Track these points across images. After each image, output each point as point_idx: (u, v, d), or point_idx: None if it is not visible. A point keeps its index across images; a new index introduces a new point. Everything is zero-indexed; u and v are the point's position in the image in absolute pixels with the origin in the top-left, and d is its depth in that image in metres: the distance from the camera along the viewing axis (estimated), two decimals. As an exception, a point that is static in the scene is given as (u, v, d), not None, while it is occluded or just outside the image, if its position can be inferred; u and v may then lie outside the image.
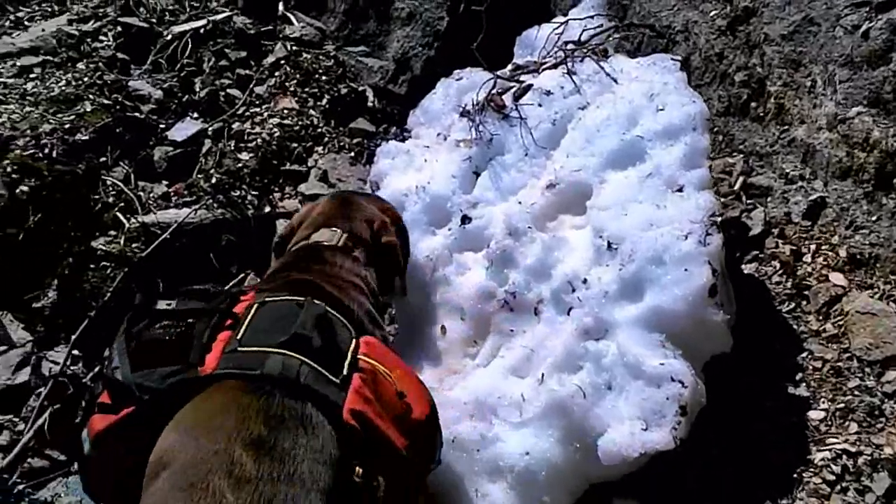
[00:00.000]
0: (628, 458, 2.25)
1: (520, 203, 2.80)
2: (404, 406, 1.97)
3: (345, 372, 1.88)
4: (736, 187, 3.11)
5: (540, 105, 2.99)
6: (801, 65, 3.01)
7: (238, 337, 1.91)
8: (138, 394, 1.77)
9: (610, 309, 2.47)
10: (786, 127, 3.08)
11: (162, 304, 2.05)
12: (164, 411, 1.77)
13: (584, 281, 2.55)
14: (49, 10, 4.43)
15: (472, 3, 3.71)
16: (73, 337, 3.08)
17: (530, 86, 3.05)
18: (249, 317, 1.97)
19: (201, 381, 1.81)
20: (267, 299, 2.06)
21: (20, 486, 2.81)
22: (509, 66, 3.31)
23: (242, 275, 3.29)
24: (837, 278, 2.78)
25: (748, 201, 3.08)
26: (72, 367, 3.04)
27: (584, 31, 3.18)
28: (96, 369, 3.05)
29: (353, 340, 2.02)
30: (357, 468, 1.78)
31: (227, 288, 2.22)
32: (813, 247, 2.88)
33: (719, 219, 2.51)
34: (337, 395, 1.83)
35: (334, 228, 2.52)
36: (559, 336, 2.51)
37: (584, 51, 3.10)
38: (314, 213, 2.65)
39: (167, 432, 1.74)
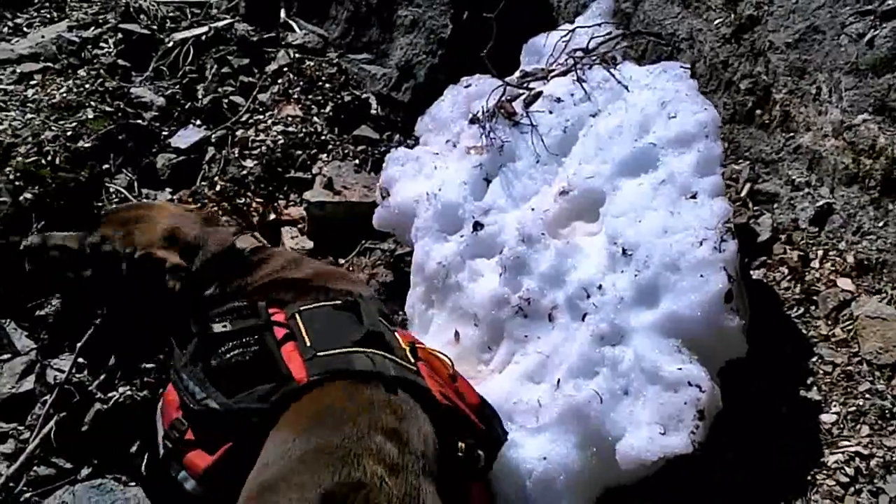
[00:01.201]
0: (646, 463, 2.27)
1: (532, 210, 2.81)
2: (459, 387, 2.10)
3: (412, 360, 1.99)
4: (742, 194, 3.14)
5: (550, 112, 3.00)
6: (806, 72, 3.05)
7: (308, 344, 1.93)
8: (243, 419, 1.80)
9: (625, 315, 2.48)
10: (791, 134, 3.11)
11: (217, 327, 2.03)
12: (268, 430, 1.79)
13: (599, 287, 2.56)
14: (48, 16, 4.40)
15: (477, 11, 3.72)
16: (79, 345, 3.05)
17: (540, 93, 3.06)
18: (301, 325, 2.00)
19: (304, 390, 1.83)
20: (302, 308, 2.09)
21: (26, 495, 2.78)
22: (517, 73, 3.32)
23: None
24: (845, 283, 2.81)
25: (755, 208, 3.12)
26: (77, 375, 3.02)
27: (592, 38, 3.19)
28: (101, 377, 3.03)
29: (395, 334, 2.10)
30: (459, 443, 1.89)
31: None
32: (820, 252, 2.92)
33: (733, 225, 2.53)
34: (423, 382, 1.93)
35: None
36: (574, 342, 2.52)
37: (593, 58, 3.11)
38: None
39: (276, 435, 1.76)
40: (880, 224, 2.81)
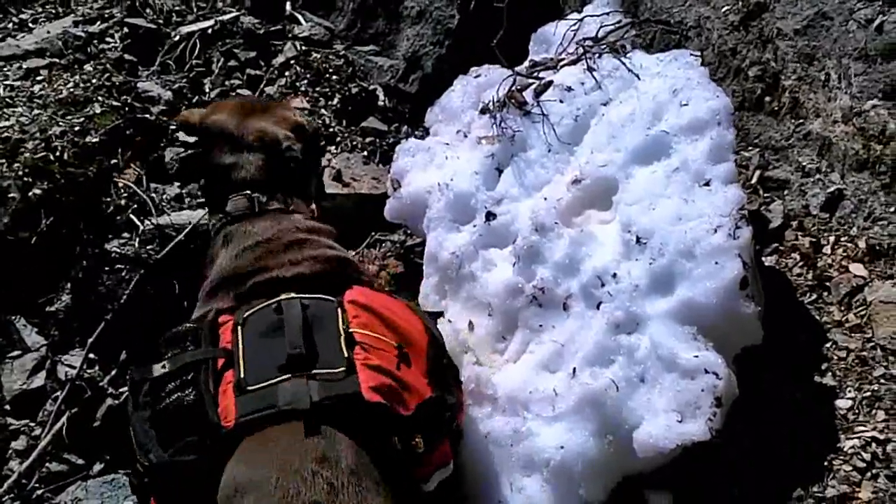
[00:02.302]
0: (664, 451, 2.28)
1: (545, 199, 2.81)
2: (406, 354, 2.08)
3: (346, 355, 1.96)
4: (753, 181, 3.14)
5: (561, 101, 3.00)
6: (814, 59, 3.04)
7: (242, 375, 1.94)
8: (170, 473, 1.86)
9: (641, 303, 2.48)
10: (801, 121, 3.11)
11: (157, 368, 2.02)
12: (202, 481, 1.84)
13: (614, 275, 2.56)
14: (53, 11, 4.39)
15: (486, 1, 3.72)
16: (90, 340, 3.06)
17: (550, 82, 3.06)
18: (240, 347, 2.00)
19: (232, 437, 1.86)
20: (245, 315, 2.08)
21: (39, 491, 2.80)
22: (526, 63, 3.32)
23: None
24: (858, 269, 2.81)
25: (765, 194, 3.11)
26: (88, 371, 3.02)
27: (601, 27, 3.19)
28: (113, 373, 3.04)
29: (339, 311, 2.08)
30: (417, 439, 1.94)
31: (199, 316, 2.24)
32: (832, 238, 2.92)
33: (747, 212, 2.53)
34: (351, 384, 1.91)
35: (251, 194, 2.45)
36: (589, 330, 2.53)
37: (603, 47, 3.11)
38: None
39: (233, 466, 1.83)
40: (891, 209, 2.81)
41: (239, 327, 2.05)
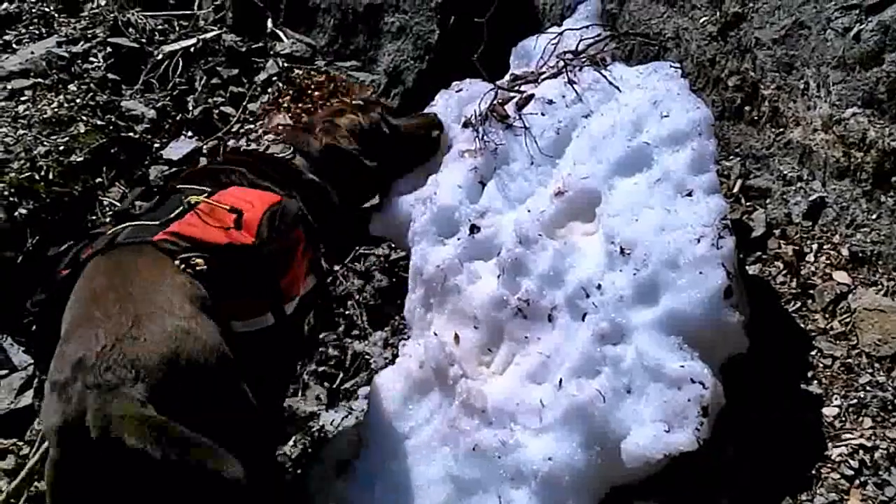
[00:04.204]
0: (652, 461, 2.29)
1: (529, 211, 2.82)
2: (235, 216, 2.37)
3: (171, 216, 2.36)
4: (735, 190, 3.16)
5: (543, 114, 3.01)
6: (793, 68, 3.07)
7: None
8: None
9: (626, 313, 2.49)
10: (781, 129, 3.13)
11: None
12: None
13: (599, 286, 2.57)
14: (37, 32, 4.41)
15: (464, 16, 3.74)
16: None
17: (532, 95, 3.07)
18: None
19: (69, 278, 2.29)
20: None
21: (27, 511, 2.79)
22: (507, 77, 3.34)
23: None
24: (841, 276, 2.83)
25: (748, 203, 3.13)
26: (75, 390, 3.01)
27: (581, 40, 3.21)
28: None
29: (203, 196, 2.44)
30: (197, 260, 2.23)
31: None
32: (815, 246, 2.93)
33: (730, 222, 2.54)
34: (151, 231, 2.31)
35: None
36: (575, 342, 2.54)
37: (583, 60, 3.13)
38: None
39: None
40: (873, 216, 2.83)
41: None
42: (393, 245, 3.43)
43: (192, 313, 2.10)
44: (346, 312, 3.36)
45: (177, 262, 2.22)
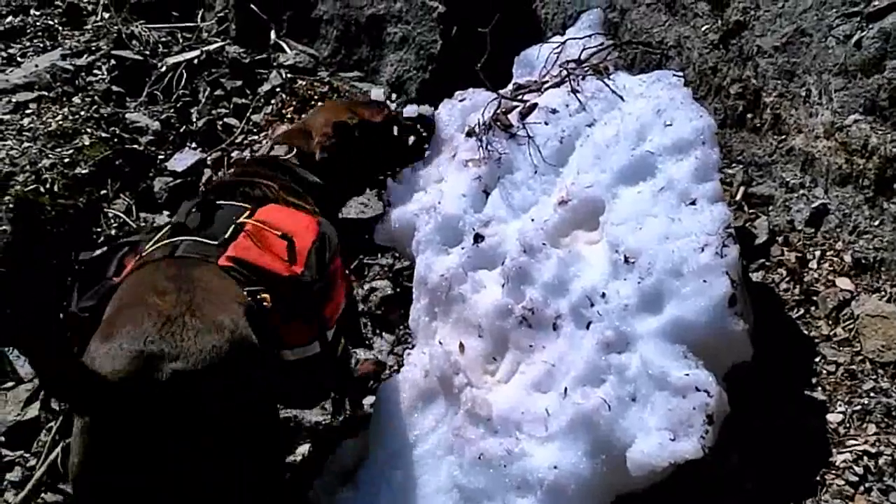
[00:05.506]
0: (657, 468, 2.29)
1: (532, 220, 2.83)
2: (287, 243, 2.42)
3: (226, 236, 2.38)
4: (738, 197, 3.16)
5: (546, 123, 3.03)
6: (795, 75, 3.07)
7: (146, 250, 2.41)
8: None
9: (631, 322, 2.50)
10: (783, 136, 3.13)
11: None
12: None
13: (603, 295, 2.58)
14: (41, 45, 4.44)
15: (467, 26, 3.76)
16: (83, 370, 3.05)
17: (535, 104, 3.09)
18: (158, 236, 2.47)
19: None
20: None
21: (34, 522, 2.79)
22: (510, 86, 3.35)
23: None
24: (844, 283, 2.83)
25: (750, 211, 3.14)
26: (82, 401, 3.01)
27: (583, 49, 3.22)
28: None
29: (247, 212, 2.49)
30: (264, 295, 2.28)
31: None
32: (818, 253, 2.94)
33: (734, 230, 2.55)
34: (209, 251, 2.34)
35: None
36: (580, 350, 2.54)
37: (586, 69, 3.14)
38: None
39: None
40: (876, 223, 2.83)
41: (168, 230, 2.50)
42: (397, 254, 3.44)
43: (246, 324, 2.17)
44: (351, 322, 3.37)
45: (245, 292, 2.27)
